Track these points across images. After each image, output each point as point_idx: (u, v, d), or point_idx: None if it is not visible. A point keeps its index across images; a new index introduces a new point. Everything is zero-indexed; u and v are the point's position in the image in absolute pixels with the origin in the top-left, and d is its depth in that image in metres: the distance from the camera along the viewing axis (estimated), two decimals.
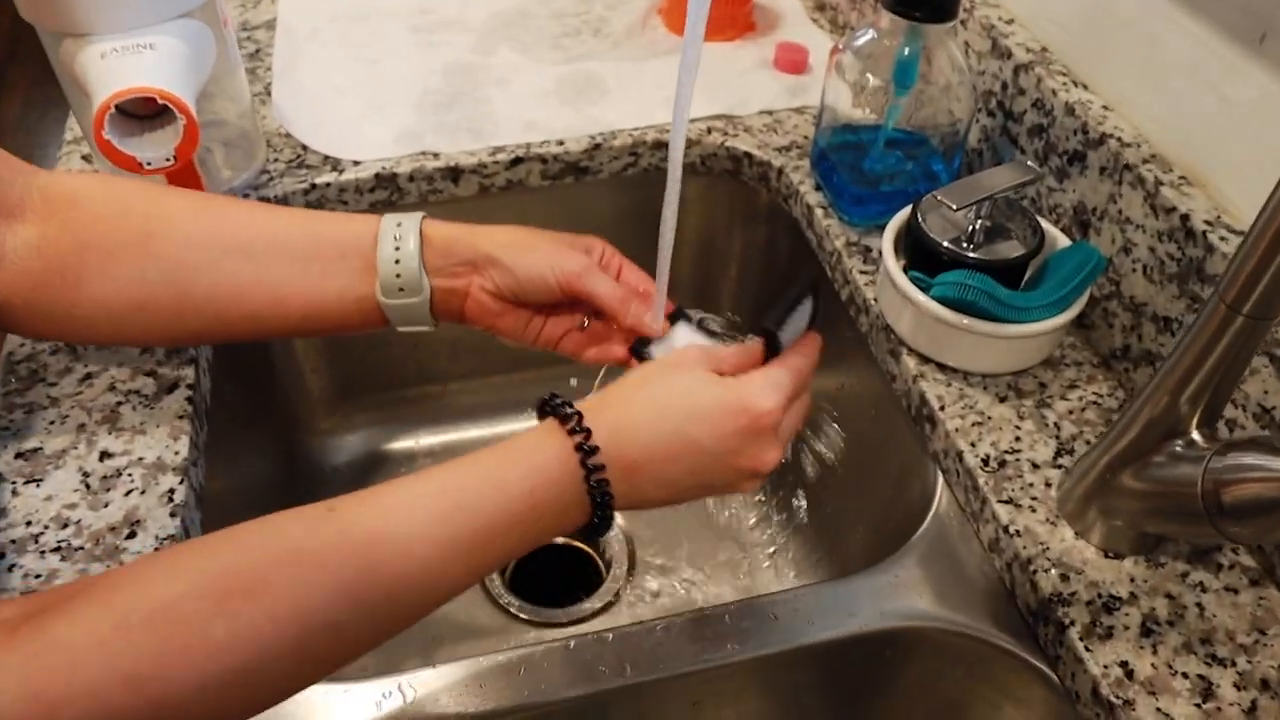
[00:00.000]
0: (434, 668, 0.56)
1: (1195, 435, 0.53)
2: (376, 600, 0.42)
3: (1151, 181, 0.62)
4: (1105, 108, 0.66)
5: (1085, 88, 0.68)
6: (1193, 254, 0.59)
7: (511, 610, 0.84)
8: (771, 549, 0.87)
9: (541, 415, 0.48)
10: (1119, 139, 0.64)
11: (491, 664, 0.56)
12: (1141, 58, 0.65)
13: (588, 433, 0.46)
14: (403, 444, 0.96)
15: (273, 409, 0.86)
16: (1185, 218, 0.59)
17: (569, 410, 0.47)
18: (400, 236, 0.57)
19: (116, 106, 0.61)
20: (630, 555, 0.88)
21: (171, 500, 0.58)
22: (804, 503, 0.87)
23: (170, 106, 0.61)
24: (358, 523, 0.43)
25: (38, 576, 0.54)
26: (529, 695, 0.55)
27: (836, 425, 0.83)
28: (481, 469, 0.45)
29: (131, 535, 0.57)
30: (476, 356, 0.96)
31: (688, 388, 0.49)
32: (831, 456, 0.84)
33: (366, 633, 0.42)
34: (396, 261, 0.57)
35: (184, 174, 0.72)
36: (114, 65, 0.62)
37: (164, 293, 0.54)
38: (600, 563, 0.89)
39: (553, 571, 0.89)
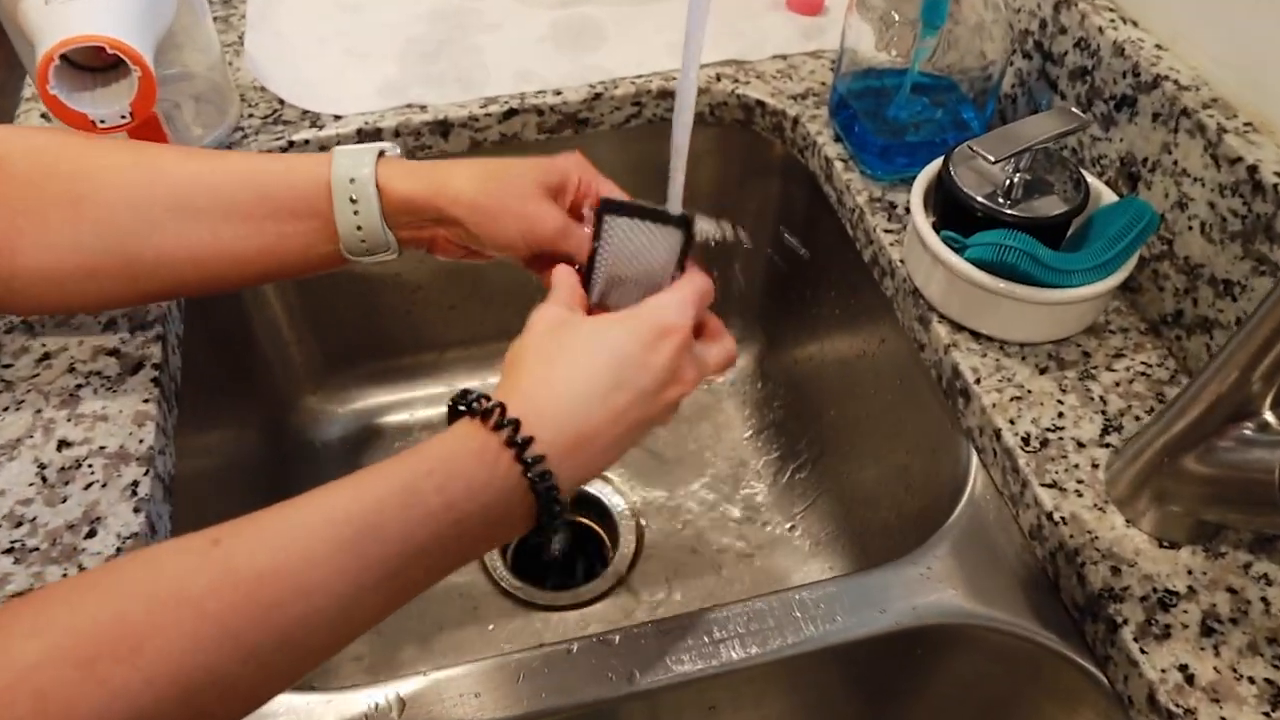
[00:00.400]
0: (425, 674, 0.51)
1: (1269, 416, 0.47)
2: (272, 646, 0.35)
3: (1213, 129, 0.55)
4: (1159, 47, 0.60)
5: (1135, 25, 0.62)
6: (1261, 210, 0.53)
7: (513, 592, 0.79)
8: (788, 525, 0.82)
9: (454, 417, 0.42)
10: (1175, 81, 0.58)
11: (491, 668, 0.51)
12: None
13: (516, 424, 0.40)
14: (398, 417, 0.90)
15: (254, 383, 0.81)
16: (1253, 169, 0.53)
17: (488, 405, 0.41)
18: (358, 198, 0.51)
19: (63, 57, 0.55)
20: (638, 531, 0.83)
21: (135, 494, 0.53)
22: (821, 478, 0.82)
23: (122, 58, 0.55)
24: (247, 559, 0.36)
25: None
26: (529, 706, 0.50)
27: (856, 395, 0.77)
28: (395, 483, 0.39)
29: (91, 534, 0.52)
30: (474, 322, 0.91)
31: (599, 340, 0.44)
32: (850, 429, 0.78)
33: (263, 682, 0.36)
34: (358, 228, 0.52)
35: (147, 132, 0.66)
36: (59, 11, 0.56)
37: (108, 260, 0.49)
38: (607, 539, 0.85)
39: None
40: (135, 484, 0.54)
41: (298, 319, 0.84)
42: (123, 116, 0.58)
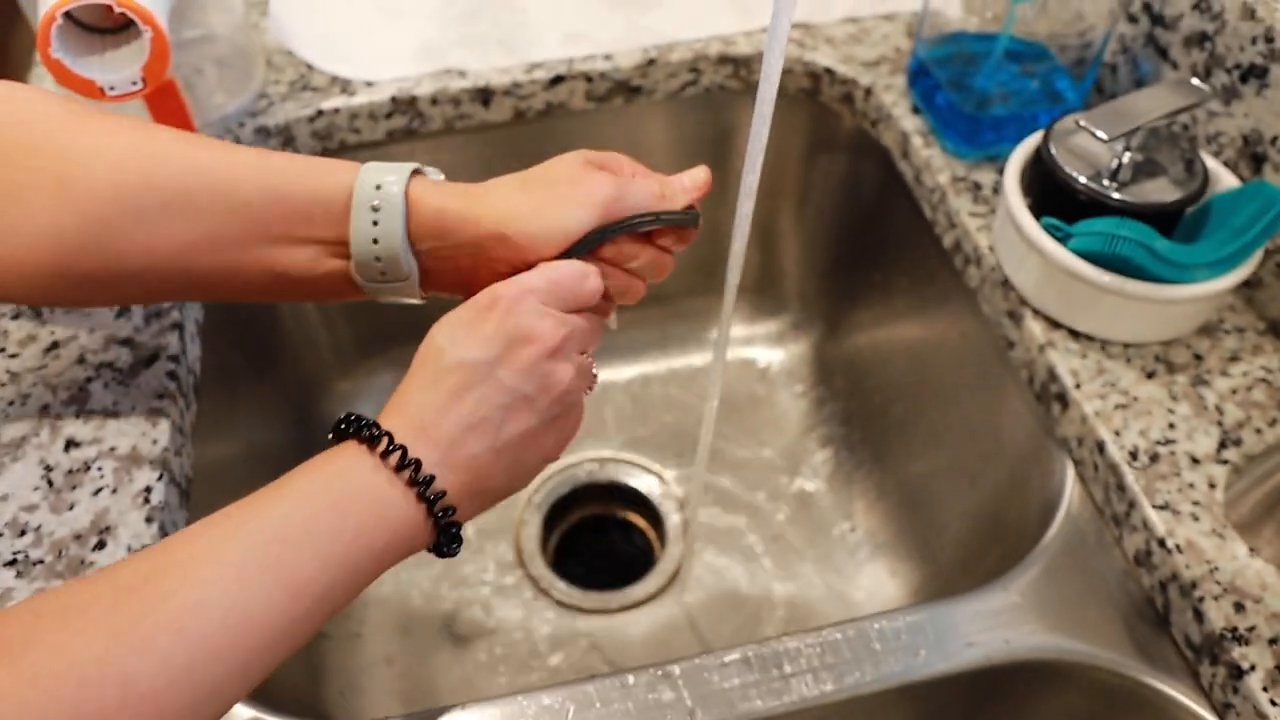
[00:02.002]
0: (462, 708, 0.46)
1: None
2: (166, 635, 0.33)
3: None
4: None
5: None
6: None
7: (554, 594, 0.74)
8: (848, 525, 0.77)
9: (339, 439, 0.41)
10: None
11: (531, 707, 0.46)
12: None
13: (372, 427, 0.40)
14: None
15: (279, 369, 0.76)
16: None
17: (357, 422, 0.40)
18: (380, 206, 0.43)
19: (66, 15, 0.50)
20: (685, 527, 0.78)
21: (148, 502, 0.49)
22: (884, 477, 0.76)
23: (132, 16, 0.50)
24: (130, 568, 0.35)
25: None
26: None
27: (928, 392, 0.71)
28: (276, 509, 0.37)
29: (100, 545, 0.47)
30: None
31: (434, 333, 0.42)
32: (919, 427, 0.72)
33: (183, 680, 0.33)
34: (375, 241, 0.44)
35: (164, 101, 0.61)
36: None
37: (88, 259, 0.42)
38: (654, 536, 0.80)
39: (602, 548, 0.80)
40: (148, 490, 0.49)
41: (328, 306, 0.79)
42: (134, 83, 0.52)
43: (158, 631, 0.33)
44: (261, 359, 0.73)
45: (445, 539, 0.41)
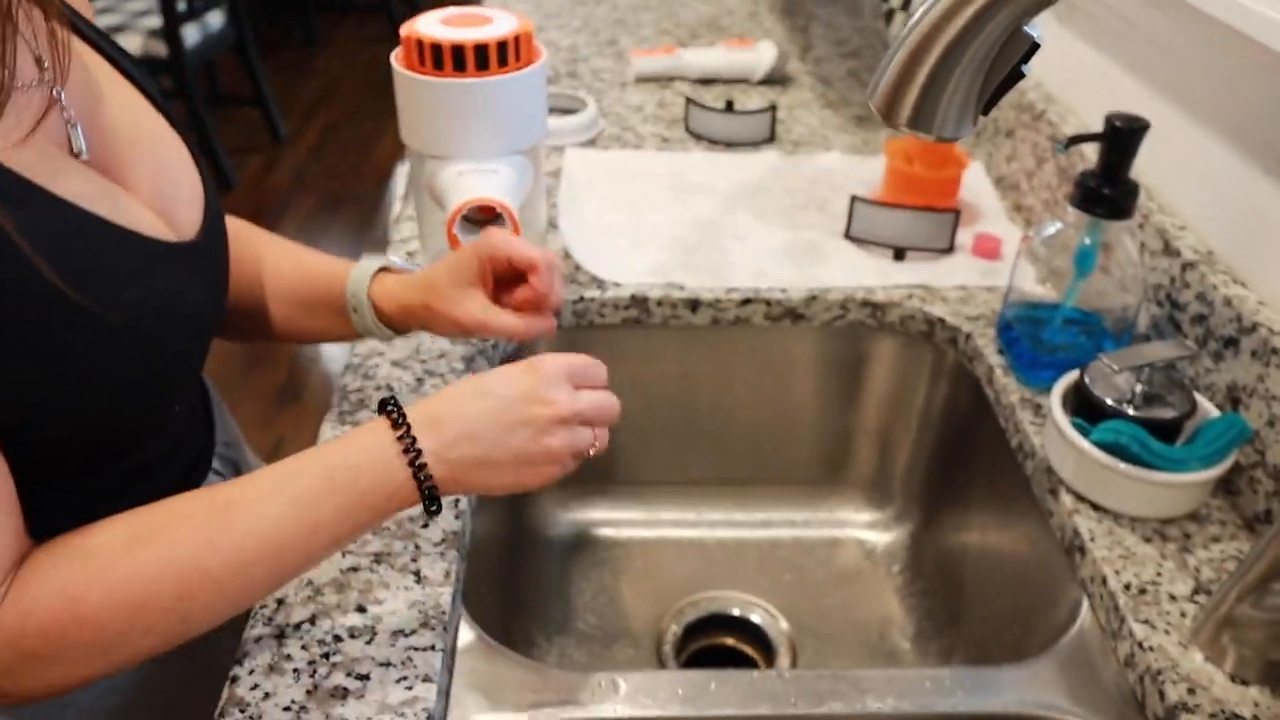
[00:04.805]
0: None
1: None
2: (233, 548, 0.55)
3: None
4: (1259, 303, 0.78)
5: (1243, 285, 0.80)
6: None
7: None
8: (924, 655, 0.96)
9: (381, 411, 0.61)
10: (1269, 328, 0.75)
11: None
12: None
13: (402, 413, 0.59)
14: (604, 531, 1.10)
15: None
16: None
17: (393, 406, 0.60)
18: (356, 307, 0.78)
19: (464, 216, 0.82)
20: (792, 653, 0.98)
21: (457, 506, 0.75)
22: (961, 642, 0.96)
23: (504, 215, 0.81)
24: (223, 494, 0.57)
25: (355, 542, 0.71)
26: None
27: (996, 564, 0.92)
28: (319, 463, 0.58)
29: (425, 525, 0.73)
30: (679, 463, 1.11)
31: (483, 374, 0.63)
32: (990, 594, 0.93)
33: (235, 576, 0.55)
34: (358, 320, 0.79)
35: None
36: (468, 182, 0.83)
37: (246, 321, 0.80)
38: (764, 666, 1.00)
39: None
40: (457, 500, 0.75)
41: None
42: None
43: (228, 544, 0.55)
44: None
45: (427, 503, 0.59)
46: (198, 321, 0.65)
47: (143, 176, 0.62)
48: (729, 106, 1.31)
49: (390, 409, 0.60)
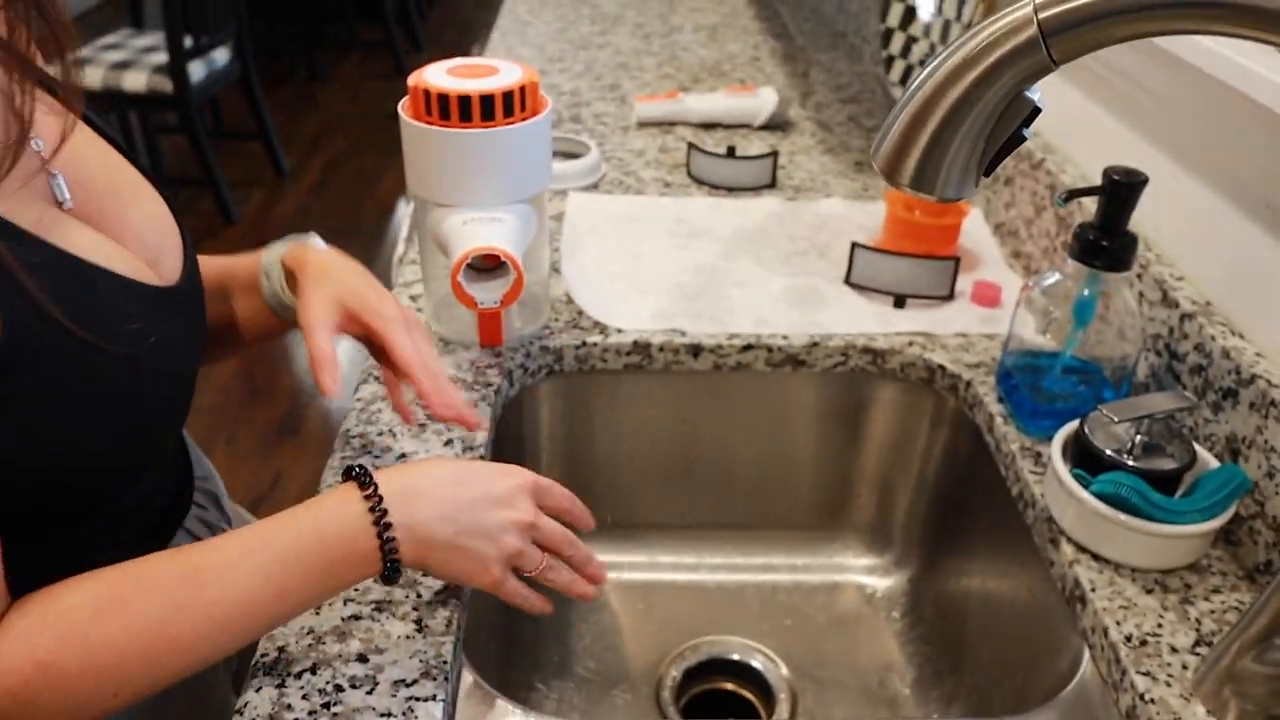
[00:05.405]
0: None
1: None
2: (200, 613, 0.56)
3: None
4: (1258, 354, 0.78)
5: (1241, 336, 0.80)
6: None
7: None
8: (924, 701, 0.96)
9: (346, 478, 0.63)
10: (1267, 380, 0.76)
11: None
12: None
13: (375, 485, 0.61)
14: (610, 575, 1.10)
15: None
16: None
17: (365, 474, 0.62)
18: (268, 273, 0.78)
19: (469, 264, 0.83)
20: (793, 703, 0.98)
21: None
22: (964, 689, 0.96)
23: (508, 263, 0.82)
24: (193, 557, 0.58)
25: (356, 589, 0.71)
26: None
27: (996, 612, 0.92)
28: (289, 530, 0.60)
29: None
30: (678, 507, 1.11)
31: (462, 462, 0.68)
32: (992, 642, 0.93)
33: (202, 641, 0.57)
34: (268, 282, 0.79)
35: (492, 319, 0.93)
36: (473, 230, 0.84)
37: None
38: (764, 710, 1.00)
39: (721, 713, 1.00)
40: None
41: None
42: (495, 302, 0.84)
43: (196, 610, 0.56)
44: None
45: (389, 572, 0.61)
46: (188, 357, 0.67)
47: (129, 226, 0.65)
48: (731, 152, 1.33)
49: (358, 476, 0.62)
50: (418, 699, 0.65)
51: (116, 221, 0.64)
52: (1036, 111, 0.51)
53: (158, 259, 0.67)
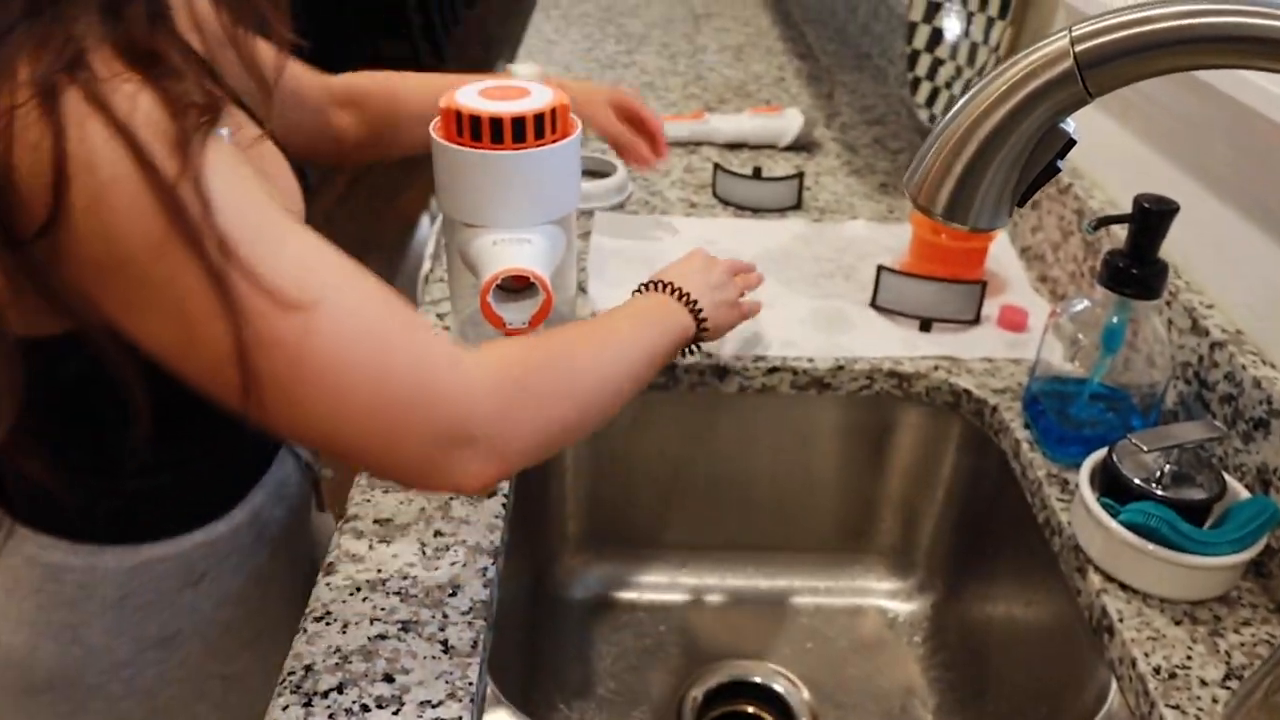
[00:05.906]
0: None
1: None
2: (623, 361, 0.75)
3: None
4: None
5: (1273, 366, 0.80)
6: None
7: None
8: None
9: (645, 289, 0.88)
10: None
11: None
12: None
13: (669, 284, 0.86)
14: (625, 594, 1.10)
15: (537, 540, 1.03)
16: None
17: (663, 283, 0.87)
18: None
19: (499, 285, 0.83)
20: None
21: (485, 575, 0.75)
22: (983, 700, 0.95)
23: (537, 284, 0.83)
24: (599, 330, 0.77)
25: (383, 609, 0.72)
26: None
27: (1021, 639, 0.92)
28: (639, 314, 0.83)
29: (454, 593, 0.74)
30: (697, 527, 1.11)
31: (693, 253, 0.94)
32: (1016, 669, 0.92)
33: (596, 390, 0.71)
34: None
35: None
36: (503, 251, 0.84)
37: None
38: None
39: None
40: (485, 569, 0.76)
41: (578, 497, 1.07)
42: (523, 323, 0.85)
43: (592, 360, 0.72)
44: (527, 529, 1.01)
45: (700, 331, 0.85)
46: None
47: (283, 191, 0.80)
48: (756, 173, 1.33)
49: (660, 287, 0.86)
50: None
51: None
52: (1071, 143, 0.51)
53: None
